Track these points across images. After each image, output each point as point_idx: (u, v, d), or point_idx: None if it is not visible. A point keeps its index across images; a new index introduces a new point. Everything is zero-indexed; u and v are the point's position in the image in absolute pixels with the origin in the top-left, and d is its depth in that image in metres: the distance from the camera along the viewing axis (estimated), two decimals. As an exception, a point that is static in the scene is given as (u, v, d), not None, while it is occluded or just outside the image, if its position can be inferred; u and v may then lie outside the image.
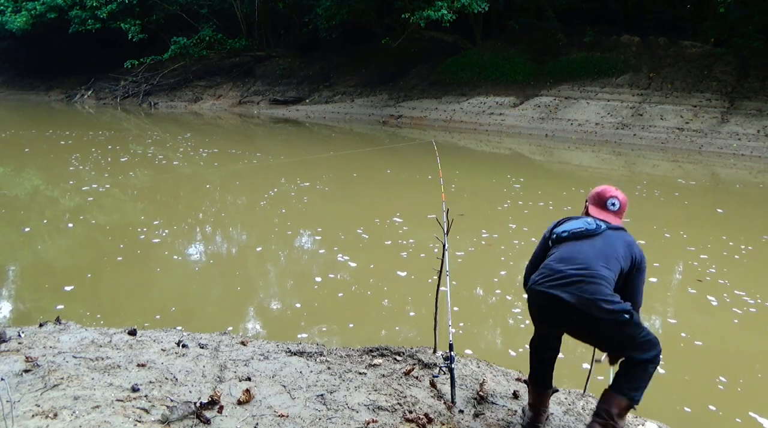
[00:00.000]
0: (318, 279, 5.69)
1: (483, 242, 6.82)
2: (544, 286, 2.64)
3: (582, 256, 2.68)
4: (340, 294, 5.36)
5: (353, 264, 5.98)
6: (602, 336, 2.66)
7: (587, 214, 2.98)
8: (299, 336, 4.46)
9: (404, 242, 6.71)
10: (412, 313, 4.94)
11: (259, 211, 8.55)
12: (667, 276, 6.05)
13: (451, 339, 3.10)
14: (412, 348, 3.65)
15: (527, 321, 4.89)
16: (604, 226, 2.81)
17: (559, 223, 2.97)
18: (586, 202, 3.06)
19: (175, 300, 5.30)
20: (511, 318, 4.99)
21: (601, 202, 2.98)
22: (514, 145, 16.14)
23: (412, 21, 17.84)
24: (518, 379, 3.40)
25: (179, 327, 4.11)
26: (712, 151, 14.69)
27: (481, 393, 3.08)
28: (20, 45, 28.88)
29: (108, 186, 9.67)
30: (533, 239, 7.09)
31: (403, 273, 5.72)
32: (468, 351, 4.05)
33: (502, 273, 5.91)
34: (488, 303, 5.39)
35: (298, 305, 5.19)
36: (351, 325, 4.73)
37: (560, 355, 2.91)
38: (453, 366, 3.02)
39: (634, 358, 2.60)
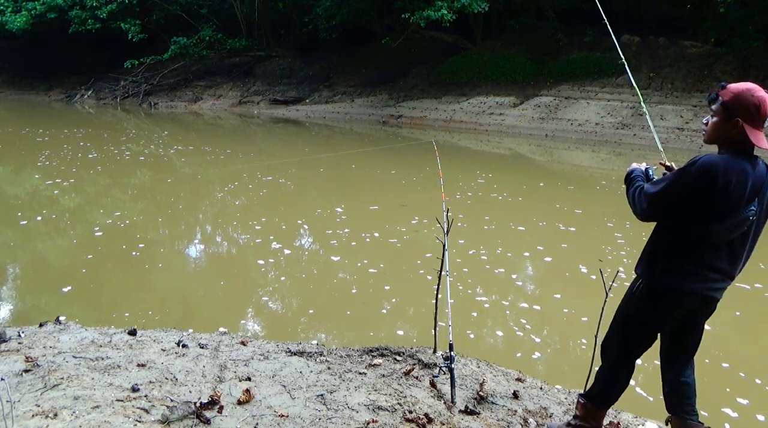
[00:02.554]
0: (317, 278, 5.69)
1: (404, 229, 7.05)
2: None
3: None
4: (340, 294, 5.35)
5: (351, 262, 5.98)
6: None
7: (741, 133, 2.16)
8: (299, 336, 4.46)
9: (414, 241, 6.72)
10: (412, 312, 4.95)
11: (243, 208, 8.56)
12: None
13: (451, 339, 3.09)
14: (412, 348, 3.65)
15: (527, 321, 4.90)
16: None
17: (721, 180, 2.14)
18: (737, 118, 2.16)
19: (173, 299, 5.30)
20: (511, 319, 4.99)
21: (762, 118, 2.15)
22: (514, 145, 16.14)
23: (412, 21, 17.83)
24: (518, 379, 3.39)
25: (189, 330, 4.10)
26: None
27: (481, 393, 3.07)
28: (20, 45, 28.83)
29: (72, 180, 9.90)
30: (460, 224, 7.48)
31: (403, 273, 5.72)
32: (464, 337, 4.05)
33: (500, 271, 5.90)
34: (489, 302, 5.39)
35: (298, 305, 5.19)
36: (351, 325, 4.73)
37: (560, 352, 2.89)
38: (453, 366, 3.02)
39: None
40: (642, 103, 3.36)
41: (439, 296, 3.51)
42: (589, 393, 2.64)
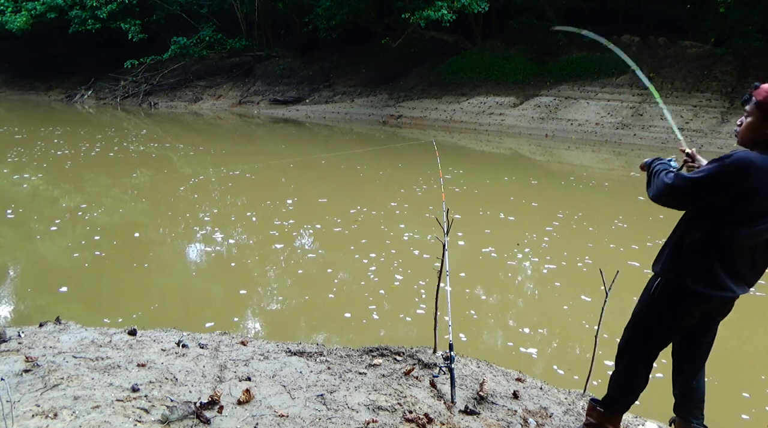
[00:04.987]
0: (317, 278, 5.69)
1: (334, 222, 7.41)
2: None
3: None
4: (340, 295, 5.35)
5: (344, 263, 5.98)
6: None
7: None
8: (299, 336, 4.46)
9: (405, 239, 6.71)
10: (412, 312, 4.94)
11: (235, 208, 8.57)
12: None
13: (451, 339, 3.09)
14: (412, 348, 3.65)
15: (528, 320, 4.90)
16: None
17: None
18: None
19: (173, 300, 5.30)
20: (511, 318, 4.99)
21: None
22: (514, 145, 16.14)
23: (412, 21, 17.83)
24: (518, 379, 3.39)
25: (197, 332, 4.08)
26: (712, 150, 14.68)
27: (481, 393, 3.07)
28: (20, 45, 28.83)
29: (40, 175, 10.12)
30: (397, 211, 8.01)
31: (402, 274, 5.72)
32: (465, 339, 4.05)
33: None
34: (489, 302, 5.39)
35: (299, 305, 5.18)
36: (351, 325, 4.73)
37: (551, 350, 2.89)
38: (453, 366, 3.02)
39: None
40: (658, 98, 3.30)
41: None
42: (605, 400, 2.58)
